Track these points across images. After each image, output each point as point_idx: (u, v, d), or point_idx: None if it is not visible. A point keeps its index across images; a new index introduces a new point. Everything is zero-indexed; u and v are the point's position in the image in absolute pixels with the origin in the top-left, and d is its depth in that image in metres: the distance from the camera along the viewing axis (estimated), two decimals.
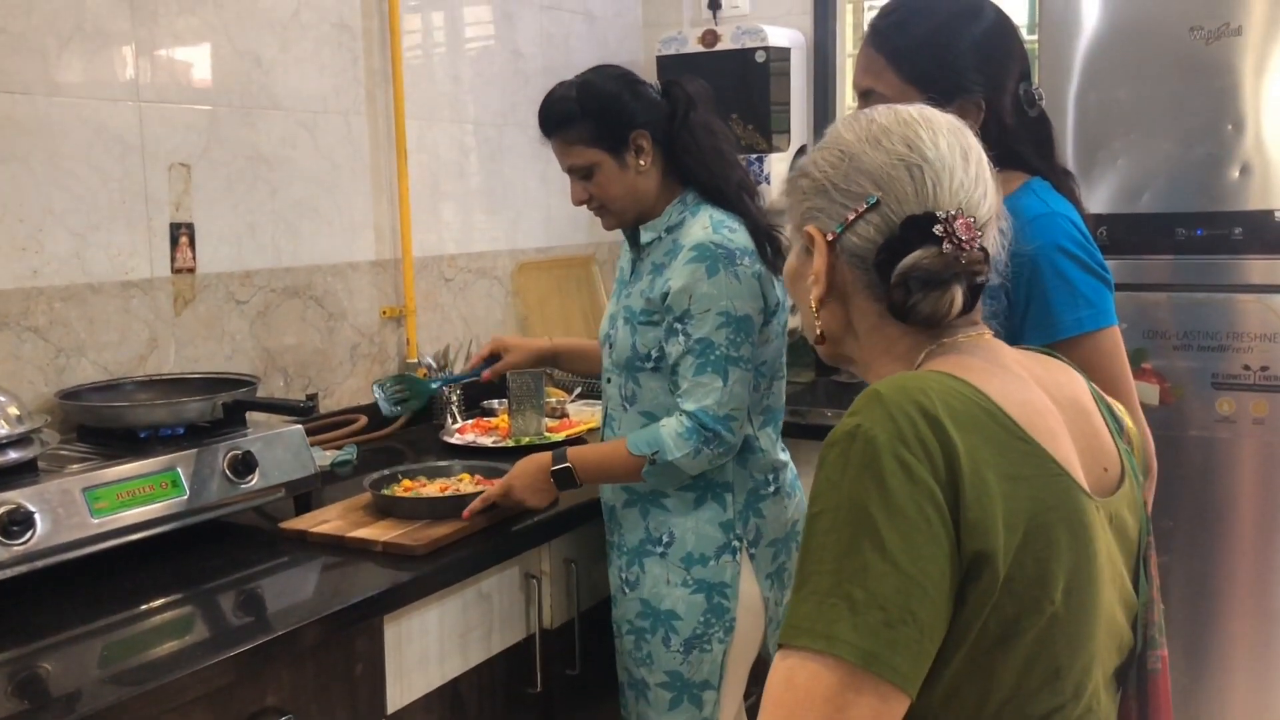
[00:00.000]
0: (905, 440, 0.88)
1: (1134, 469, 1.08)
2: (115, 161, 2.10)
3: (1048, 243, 1.48)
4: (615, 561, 1.96)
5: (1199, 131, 2.37)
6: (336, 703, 1.60)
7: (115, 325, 2.11)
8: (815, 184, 1.06)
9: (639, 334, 1.88)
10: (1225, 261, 2.38)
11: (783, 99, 3.22)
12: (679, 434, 1.78)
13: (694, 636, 1.85)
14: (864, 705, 0.84)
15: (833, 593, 0.86)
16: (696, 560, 1.86)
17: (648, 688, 1.90)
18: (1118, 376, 1.49)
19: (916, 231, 0.99)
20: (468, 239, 2.92)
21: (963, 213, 0.99)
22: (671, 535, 1.87)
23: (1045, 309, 1.48)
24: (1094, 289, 1.49)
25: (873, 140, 1.03)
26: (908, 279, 0.98)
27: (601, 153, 1.87)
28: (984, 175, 1.04)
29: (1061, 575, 0.92)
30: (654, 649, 1.88)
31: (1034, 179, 1.57)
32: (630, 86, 1.89)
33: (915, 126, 1.03)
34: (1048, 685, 0.94)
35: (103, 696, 1.29)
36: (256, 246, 2.37)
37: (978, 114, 1.54)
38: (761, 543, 1.88)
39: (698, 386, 1.79)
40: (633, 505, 1.92)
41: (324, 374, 2.53)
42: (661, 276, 1.86)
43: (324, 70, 2.50)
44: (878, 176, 1.02)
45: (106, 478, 1.69)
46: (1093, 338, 1.48)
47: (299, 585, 1.71)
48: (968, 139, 1.05)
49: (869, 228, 1.02)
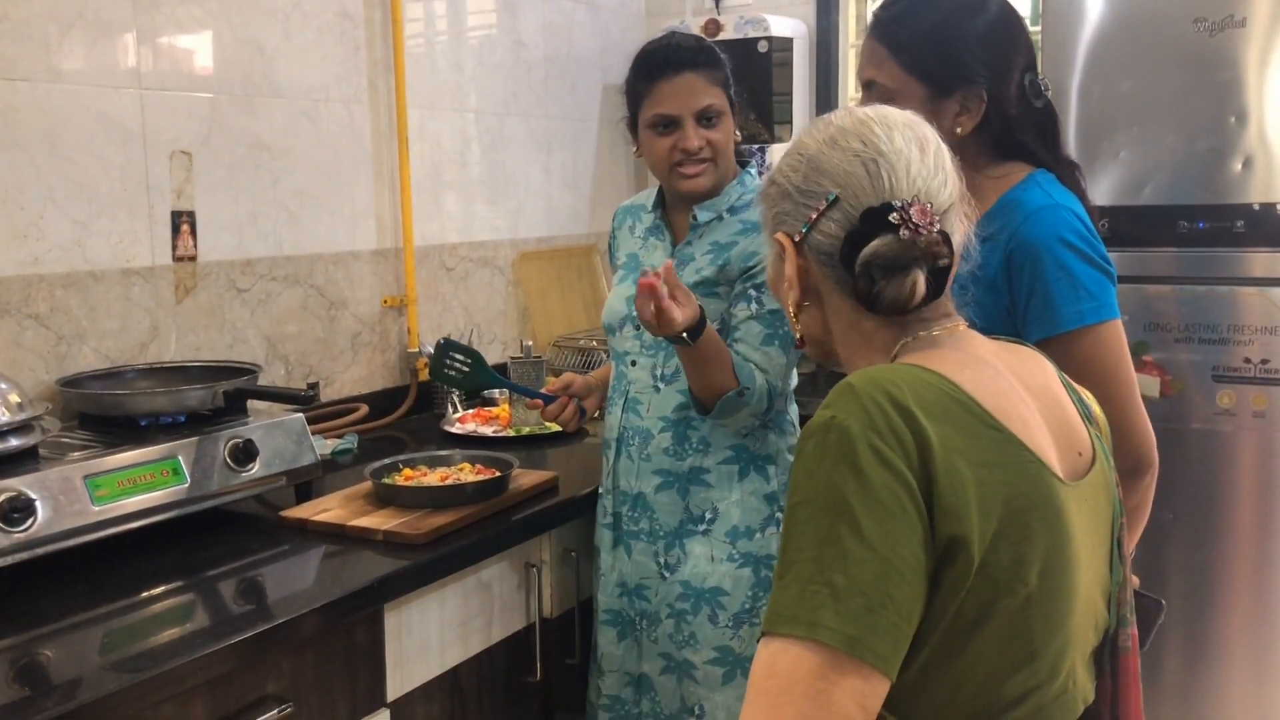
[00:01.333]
0: (878, 430, 0.91)
1: (1105, 452, 1.12)
2: (117, 149, 2.09)
3: (1049, 235, 1.48)
4: (648, 549, 1.90)
5: (1202, 124, 2.37)
6: (336, 691, 1.60)
7: (116, 313, 2.11)
8: (780, 190, 1.10)
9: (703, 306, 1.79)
10: (1227, 254, 2.38)
11: (785, 89, 3.21)
12: (764, 390, 1.79)
13: (743, 611, 1.83)
14: (847, 688, 0.87)
15: (814, 580, 0.89)
16: (742, 534, 1.84)
17: (694, 668, 1.86)
18: (1119, 370, 1.49)
19: (875, 222, 1.02)
20: (469, 228, 2.92)
21: (919, 200, 1.02)
22: (715, 511, 1.86)
23: (1047, 301, 1.48)
24: (1096, 281, 1.48)
25: (830, 141, 1.07)
26: (870, 267, 1.02)
27: (728, 103, 1.87)
28: (943, 164, 1.07)
29: (1036, 559, 0.95)
30: (697, 628, 1.85)
31: (1038, 171, 1.57)
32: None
33: (870, 125, 1.07)
34: (1024, 666, 0.97)
35: (103, 684, 1.29)
36: (258, 235, 2.37)
37: (980, 105, 1.54)
38: None
39: (766, 357, 1.80)
40: (668, 488, 1.88)
41: (325, 363, 2.53)
42: (731, 253, 1.84)
43: (326, 58, 2.50)
44: (836, 175, 1.05)
45: (107, 465, 1.69)
46: (1094, 331, 1.47)
47: (299, 574, 1.71)
48: (924, 131, 1.08)
49: (831, 224, 1.05)
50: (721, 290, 1.84)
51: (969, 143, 1.55)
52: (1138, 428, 1.50)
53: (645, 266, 1.85)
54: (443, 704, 1.82)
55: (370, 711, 1.66)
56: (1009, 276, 1.50)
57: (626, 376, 1.95)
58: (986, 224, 1.54)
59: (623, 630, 1.96)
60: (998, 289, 1.51)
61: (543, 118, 3.13)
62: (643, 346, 1.92)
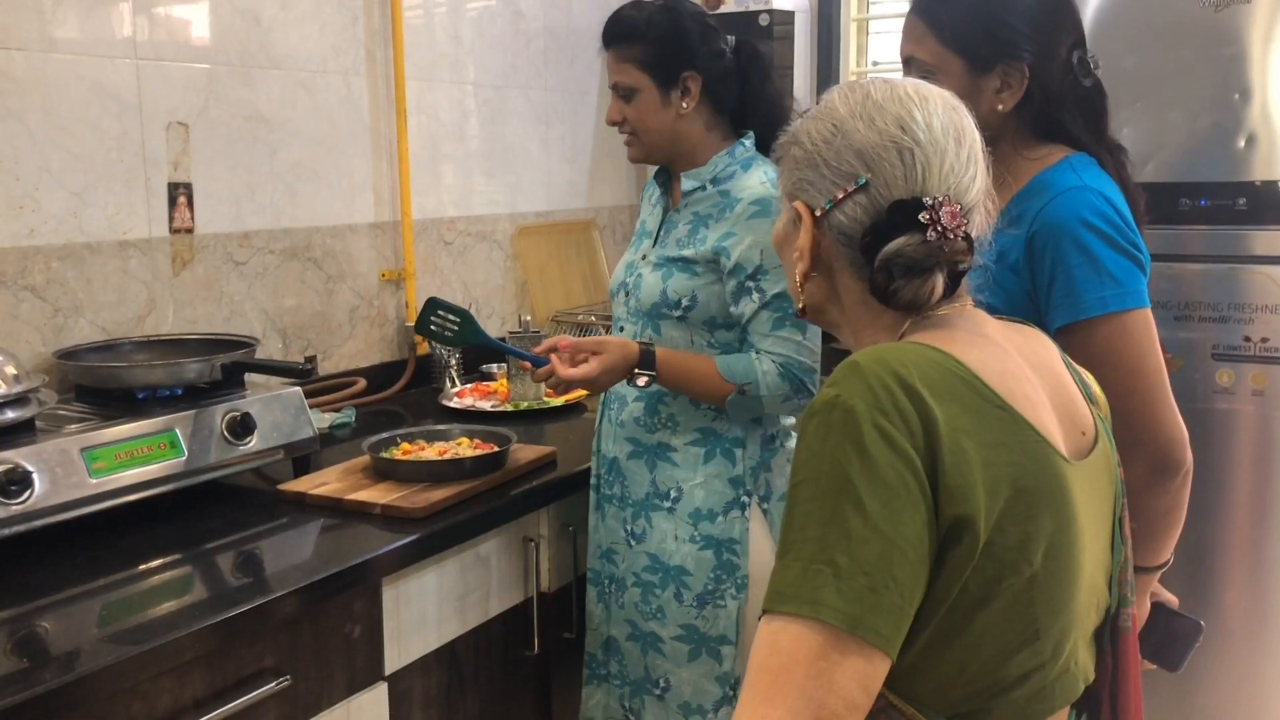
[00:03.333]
0: (883, 409, 0.90)
1: (1107, 432, 1.12)
2: (113, 120, 2.08)
3: (1073, 217, 1.44)
4: (618, 514, 1.94)
5: (1206, 101, 2.36)
6: (334, 664, 1.60)
7: (113, 285, 2.10)
8: (806, 155, 1.07)
9: (673, 279, 1.85)
10: (1229, 232, 2.37)
11: (786, 63, 3.19)
12: (775, 375, 1.78)
13: (706, 592, 1.84)
14: (849, 667, 0.87)
15: (817, 559, 0.88)
16: (704, 516, 1.85)
17: (661, 641, 1.88)
18: (1144, 361, 1.42)
19: (903, 217, 1.00)
20: (467, 202, 2.91)
21: (950, 199, 1.00)
22: (680, 490, 1.86)
23: (1068, 286, 1.43)
24: (1122, 268, 1.43)
25: (866, 117, 1.04)
26: (890, 265, 1.00)
27: (648, 79, 1.85)
28: (975, 157, 1.05)
29: (1042, 538, 0.95)
30: (665, 603, 1.87)
31: (1076, 154, 1.53)
32: (702, 29, 1.87)
33: (909, 105, 1.04)
34: (1027, 646, 0.97)
35: (101, 656, 1.29)
36: (255, 207, 2.36)
37: (1021, 81, 1.50)
38: (774, 497, 1.87)
39: (779, 341, 1.80)
40: (638, 457, 1.90)
41: (323, 336, 2.53)
42: (708, 229, 1.84)
43: (324, 29, 2.48)
44: (868, 156, 1.03)
45: (105, 438, 1.69)
46: (1118, 319, 1.42)
47: (297, 547, 1.71)
48: (963, 120, 1.06)
49: (856, 208, 1.03)
50: (698, 269, 1.84)
51: (1010, 121, 1.53)
52: (1166, 424, 1.44)
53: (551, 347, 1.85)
54: (440, 677, 1.82)
55: (368, 684, 1.67)
56: (1030, 259, 1.47)
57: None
58: (1016, 205, 1.51)
59: (600, 591, 1.99)
60: (1020, 272, 1.48)
61: (542, 90, 3.11)
62: (629, 314, 1.94)
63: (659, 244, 1.91)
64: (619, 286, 1.99)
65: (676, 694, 1.88)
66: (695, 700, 1.87)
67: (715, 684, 1.86)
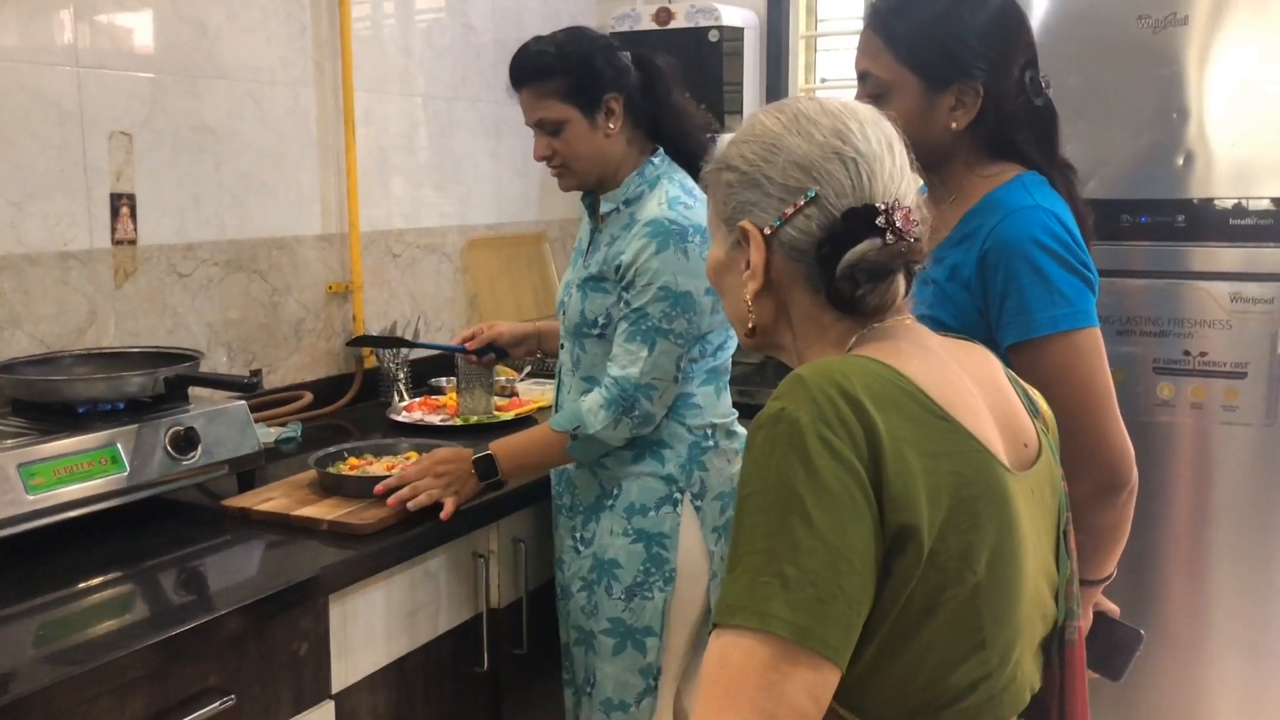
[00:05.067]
0: (827, 420, 0.91)
1: (1051, 445, 1.13)
2: (53, 128, 2.04)
3: (1025, 236, 1.45)
4: (569, 521, 1.98)
5: (1146, 119, 2.40)
6: (280, 683, 1.58)
7: (53, 297, 2.06)
8: (745, 177, 1.07)
9: (588, 300, 1.91)
10: (1168, 248, 2.42)
11: (735, 79, 3.21)
12: (598, 405, 1.83)
13: (634, 584, 1.88)
14: (799, 678, 0.87)
15: (765, 571, 0.89)
16: (637, 511, 1.89)
17: (594, 637, 1.93)
18: (1093, 379, 1.44)
19: (859, 223, 1.01)
20: (416, 214, 2.89)
21: (899, 203, 1.02)
22: (620, 488, 1.91)
23: (1020, 305, 1.44)
24: (1073, 287, 1.45)
25: (803, 132, 1.05)
26: (855, 271, 1.01)
27: (574, 110, 1.88)
28: (907, 166, 1.07)
29: (985, 547, 0.96)
30: (599, 599, 1.91)
31: (1027, 173, 1.54)
32: (607, 50, 1.90)
33: (843, 117, 1.05)
34: (973, 655, 0.97)
35: (38, 677, 1.26)
36: (200, 218, 2.32)
37: (975, 99, 1.51)
38: (708, 495, 1.91)
39: (625, 353, 1.84)
40: (583, 467, 1.95)
41: (269, 350, 2.50)
42: (614, 249, 1.89)
43: (271, 40, 2.45)
44: (813, 169, 1.03)
45: (42, 453, 1.65)
46: (1068, 337, 1.43)
47: (242, 564, 1.69)
48: (889, 130, 1.07)
49: (809, 222, 1.03)
50: (608, 285, 1.89)
51: (963, 139, 1.54)
52: (1113, 441, 1.45)
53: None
54: (388, 695, 1.80)
55: (315, 703, 1.64)
56: (982, 276, 1.48)
57: (560, 359, 2.04)
58: (968, 222, 1.53)
59: (557, 599, 2.04)
60: (971, 288, 1.49)
61: (492, 103, 3.10)
62: (565, 332, 1.99)
63: (587, 263, 1.96)
64: (560, 306, 2.03)
65: (601, 690, 1.93)
66: (618, 695, 1.91)
67: (638, 676, 1.90)
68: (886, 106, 1.52)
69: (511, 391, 2.64)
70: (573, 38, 1.90)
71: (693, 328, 1.84)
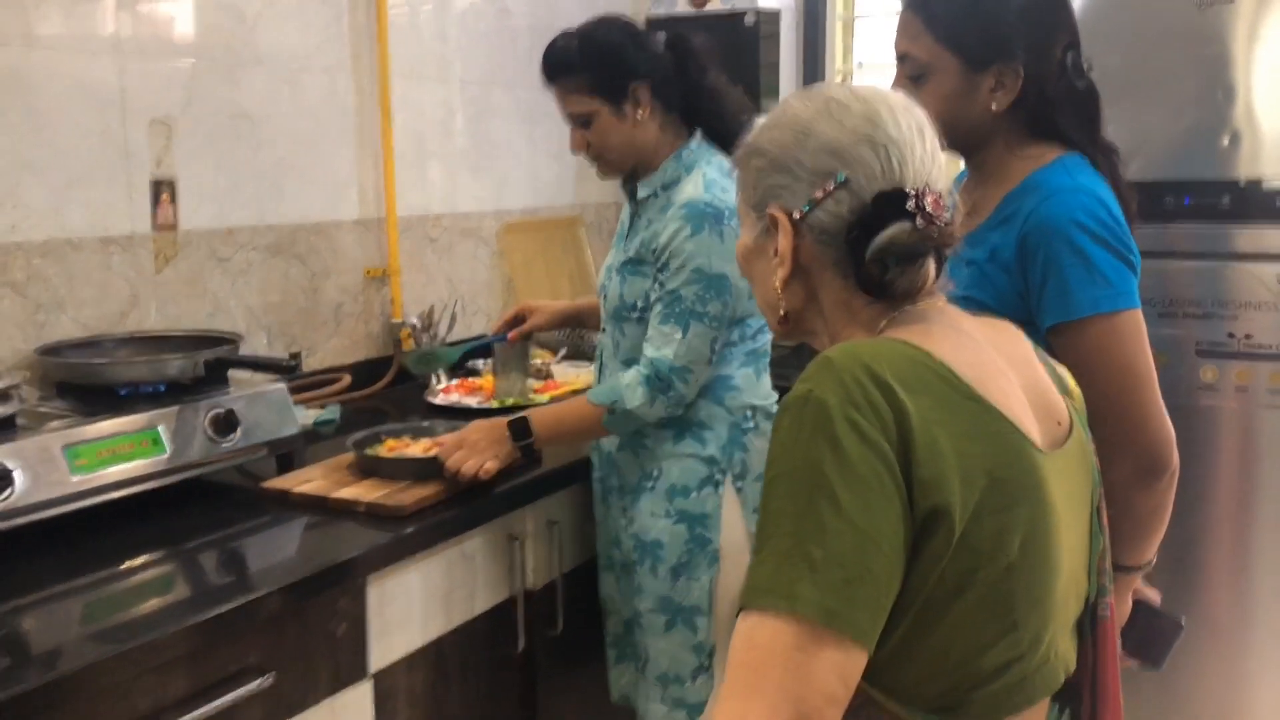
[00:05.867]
0: (856, 404, 0.91)
1: (1082, 423, 1.13)
2: (95, 116, 2.06)
3: (1065, 217, 1.44)
4: (618, 503, 2.00)
5: (1190, 99, 2.36)
6: (318, 662, 1.60)
7: (95, 282, 2.09)
8: (774, 162, 1.08)
9: (627, 283, 1.92)
10: (1212, 229, 2.38)
11: (772, 62, 3.19)
12: (636, 384, 1.84)
13: (679, 565, 1.90)
14: (826, 660, 0.87)
15: (792, 553, 0.89)
16: (679, 492, 1.90)
17: (641, 615, 1.95)
18: (1135, 362, 1.43)
19: (889, 207, 1.01)
20: (453, 199, 2.90)
21: (929, 188, 1.02)
22: (660, 469, 1.92)
23: (1060, 286, 1.43)
24: (1114, 269, 1.43)
25: (833, 117, 1.05)
26: (884, 255, 1.01)
27: (600, 102, 1.89)
28: (937, 151, 1.07)
29: (1018, 529, 0.96)
30: (643, 579, 1.93)
31: (1069, 154, 1.53)
32: (633, 37, 1.91)
33: (874, 103, 1.05)
34: (1005, 636, 0.97)
35: (82, 655, 1.28)
36: (239, 204, 2.34)
37: (1016, 81, 1.50)
38: (749, 476, 1.92)
39: (659, 335, 1.85)
40: (625, 448, 1.97)
41: (307, 333, 2.52)
42: (651, 231, 1.89)
43: (308, 26, 2.46)
44: (843, 153, 1.03)
45: (86, 435, 1.67)
46: (1109, 319, 1.42)
47: (281, 545, 1.71)
48: (920, 116, 1.07)
49: (838, 205, 1.03)
50: (645, 269, 1.90)
51: (1003, 120, 1.52)
52: (1154, 425, 1.44)
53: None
54: (425, 675, 1.82)
55: (352, 682, 1.66)
56: (1022, 258, 1.46)
57: (601, 342, 2.05)
58: (1009, 204, 1.52)
59: (615, 575, 2.05)
60: (1011, 270, 1.48)
61: (528, 88, 3.09)
62: (606, 316, 2.01)
63: (626, 247, 1.97)
64: (601, 289, 2.05)
65: (655, 665, 1.95)
66: (673, 670, 1.93)
67: (691, 653, 1.92)
68: (925, 88, 1.51)
69: (548, 374, 2.64)
70: (596, 29, 1.91)
71: (727, 310, 1.84)
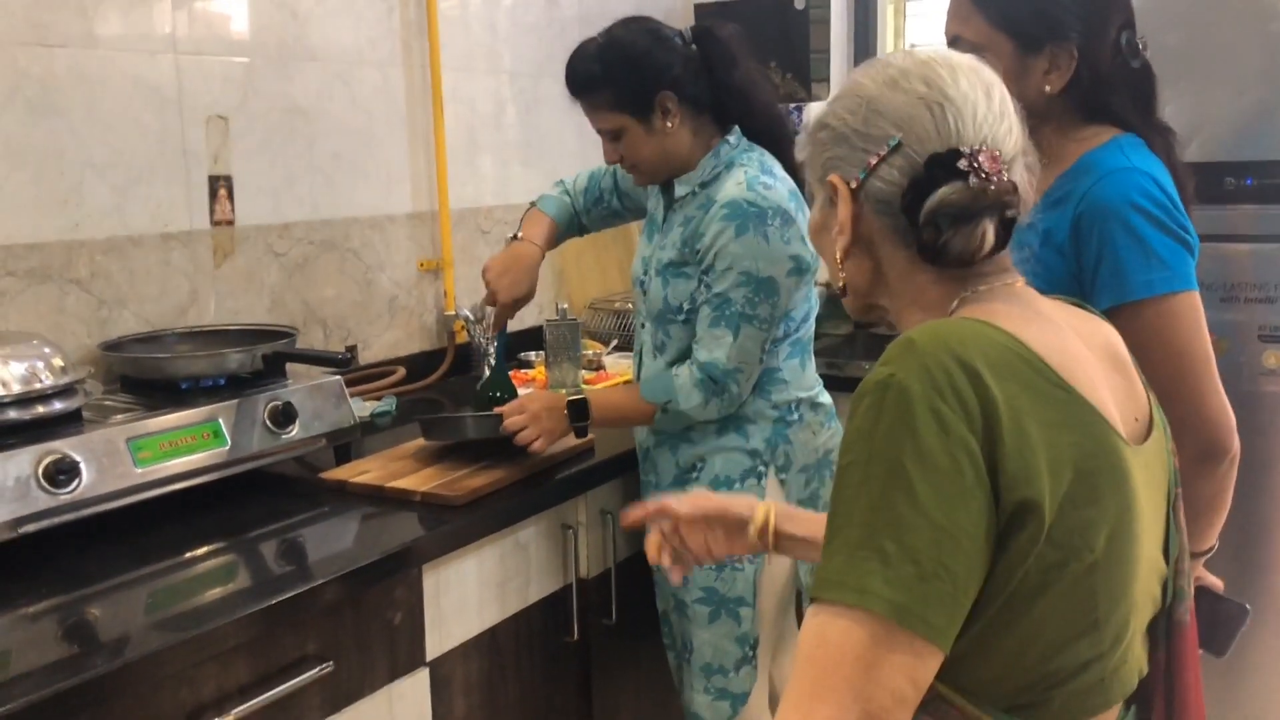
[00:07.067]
0: (940, 391, 0.86)
1: (1162, 420, 1.08)
2: (153, 114, 2.10)
3: (1120, 198, 1.42)
4: (656, 497, 1.97)
5: (1250, 77, 2.31)
6: (376, 650, 1.62)
7: (156, 277, 2.13)
8: (834, 133, 1.04)
9: (670, 286, 1.91)
10: (1275, 211, 2.33)
11: (822, 46, 3.17)
12: (691, 385, 1.84)
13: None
14: (896, 661, 0.84)
15: (864, 545, 0.85)
16: (722, 483, 1.90)
17: (686, 606, 1.96)
18: (1191, 344, 1.41)
19: (941, 169, 0.97)
20: (504, 191, 2.91)
21: (987, 146, 0.97)
22: (702, 461, 1.92)
23: (1115, 268, 1.41)
24: (1171, 250, 1.41)
25: (890, 83, 1.01)
26: (936, 216, 0.96)
27: (627, 117, 1.86)
28: (1008, 110, 1.02)
29: (1104, 523, 0.91)
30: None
31: (1125, 135, 1.50)
32: (656, 42, 1.86)
33: (934, 66, 1.01)
34: (1087, 635, 0.93)
35: (148, 643, 1.32)
36: (294, 199, 2.38)
37: (1070, 62, 1.48)
38: (793, 468, 1.91)
39: (710, 338, 1.84)
40: (662, 445, 1.97)
41: (363, 326, 2.55)
42: (692, 229, 1.87)
43: (360, 21, 2.49)
44: (898, 118, 1.00)
45: (149, 428, 1.71)
46: (1165, 301, 1.40)
47: (339, 535, 1.73)
48: (989, 75, 1.03)
49: (893, 170, 1.00)
50: (689, 270, 1.88)
51: (1057, 102, 1.50)
52: (1213, 409, 1.42)
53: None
54: (481, 663, 1.84)
55: (410, 670, 1.68)
56: (1076, 239, 1.44)
57: (640, 336, 2.03)
58: (1062, 185, 1.49)
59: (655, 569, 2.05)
60: (1065, 252, 1.46)
61: None
62: (648, 315, 1.98)
63: (662, 244, 1.94)
64: (638, 282, 2.02)
65: (699, 655, 1.95)
66: (716, 661, 1.94)
67: (735, 644, 1.93)
68: None
69: (599, 364, 2.65)
70: (615, 40, 1.87)
71: (776, 311, 1.84)
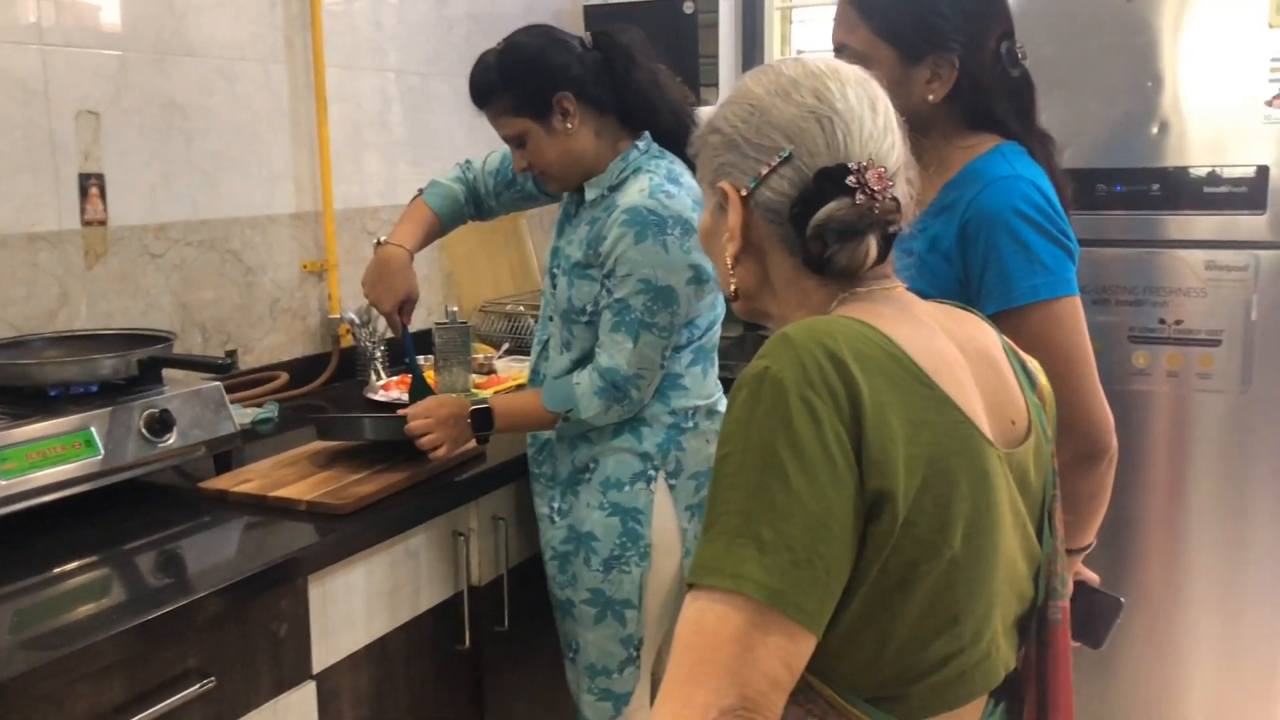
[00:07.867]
0: (811, 382, 0.90)
1: (1042, 425, 1.11)
2: (18, 108, 2.01)
3: (1005, 206, 1.45)
4: (547, 491, 2.00)
5: (1121, 88, 2.41)
6: (261, 663, 1.57)
7: (22, 279, 2.03)
8: (726, 139, 1.07)
9: (575, 286, 1.90)
10: (1143, 217, 2.43)
11: (711, 51, 3.19)
12: (590, 392, 1.85)
13: (611, 557, 1.91)
14: (771, 644, 0.86)
15: (741, 532, 0.88)
16: (613, 485, 1.91)
17: (574, 605, 1.97)
18: (1074, 348, 1.45)
19: (830, 183, 1.00)
20: (392, 191, 2.87)
21: (874, 163, 1.01)
22: (596, 462, 1.93)
23: (1000, 274, 1.45)
24: (1053, 256, 1.45)
25: (782, 93, 1.04)
26: (823, 231, 1.00)
27: (527, 121, 1.87)
28: (891, 125, 1.05)
29: (961, 520, 0.95)
30: (577, 570, 1.95)
31: (1006, 143, 1.54)
32: (552, 44, 1.87)
33: (824, 78, 1.04)
34: (946, 630, 0.97)
35: (14, 663, 1.25)
36: (171, 198, 2.30)
37: (951, 71, 1.51)
38: (683, 474, 1.92)
39: (611, 343, 1.85)
40: (562, 439, 1.97)
41: (243, 330, 2.48)
42: (596, 232, 1.87)
43: (240, 15, 2.42)
44: (789, 129, 1.03)
45: (14, 438, 1.63)
46: (1049, 306, 1.44)
47: (220, 546, 1.68)
48: (874, 89, 1.07)
49: (782, 181, 1.03)
50: (592, 272, 1.88)
51: (940, 111, 1.53)
52: (1094, 410, 1.46)
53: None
54: (370, 674, 1.80)
55: (296, 684, 1.64)
56: (963, 246, 1.48)
57: (548, 328, 2.02)
58: (948, 193, 1.53)
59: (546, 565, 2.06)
60: (951, 259, 1.49)
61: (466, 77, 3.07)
62: (555, 311, 1.98)
63: (570, 240, 1.94)
64: (548, 272, 2.02)
65: (584, 656, 1.97)
66: (600, 662, 1.96)
67: (619, 645, 1.94)
68: None
69: (490, 369, 2.63)
70: (511, 45, 1.87)
71: (676, 319, 1.84)
